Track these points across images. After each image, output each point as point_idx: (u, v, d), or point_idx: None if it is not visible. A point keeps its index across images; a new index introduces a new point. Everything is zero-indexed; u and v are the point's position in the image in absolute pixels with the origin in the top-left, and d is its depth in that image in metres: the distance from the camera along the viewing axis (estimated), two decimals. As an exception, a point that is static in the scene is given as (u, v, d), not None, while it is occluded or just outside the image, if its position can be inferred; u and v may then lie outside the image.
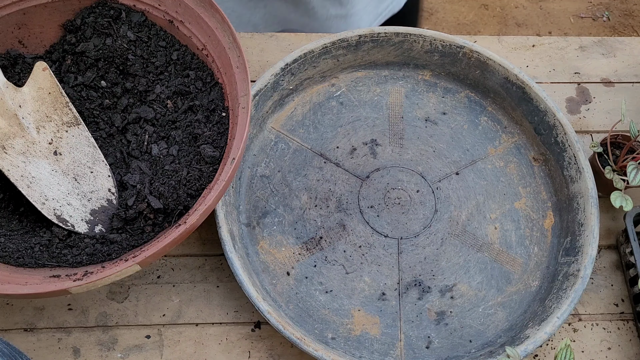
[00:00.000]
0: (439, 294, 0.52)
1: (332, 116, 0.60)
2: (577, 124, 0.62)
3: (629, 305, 0.53)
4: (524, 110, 0.59)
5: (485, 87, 0.61)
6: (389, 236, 0.55)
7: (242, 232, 0.54)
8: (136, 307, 0.51)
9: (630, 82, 0.65)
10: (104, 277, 0.40)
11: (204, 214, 0.43)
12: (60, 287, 0.40)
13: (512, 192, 0.57)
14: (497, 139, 0.60)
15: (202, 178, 0.48)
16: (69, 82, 0.53)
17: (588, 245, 0.51)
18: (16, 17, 0.52)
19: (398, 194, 0.57)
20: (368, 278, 0.53)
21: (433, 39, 0.60)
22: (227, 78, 0.51)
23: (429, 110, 0.61)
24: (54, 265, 0.46)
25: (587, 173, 0.54)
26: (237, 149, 0.45)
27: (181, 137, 0.51)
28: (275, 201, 0.56)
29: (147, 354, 0.49)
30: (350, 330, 0.50)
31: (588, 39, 0.68)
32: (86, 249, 0.46)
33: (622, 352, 0.51)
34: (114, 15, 0.54)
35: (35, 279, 0.43)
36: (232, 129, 0.49)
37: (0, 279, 0.42)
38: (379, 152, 0.59)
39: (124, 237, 0.47)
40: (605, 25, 1.53)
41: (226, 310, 0.51)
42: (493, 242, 0.55)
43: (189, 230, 0.43)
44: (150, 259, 0.42)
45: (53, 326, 0.50)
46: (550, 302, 0.50)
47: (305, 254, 0.53)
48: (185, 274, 0.53)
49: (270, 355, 0.49)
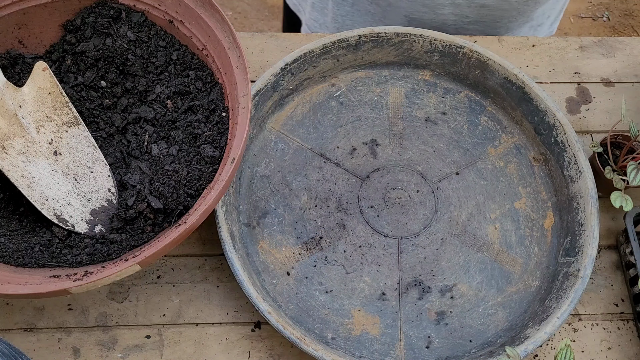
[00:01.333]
0: (439, 294, 0.52)
1: (332, 116, 0.60)
2: (577, 124, 0.62)
3: (629, 305, 0.53)
4: (524, 110, 0.59)
5: (485, 87, 0.61)
6: (389, 236, 0.55)
7: (242, 232, 0.54)
8: (136, 307, 0.51)
9: (630, 82, 0.65)
10: (104, 277, 0.40)
11: (204, 214, 0.43)
12: (60, 287, 0.40)
13: (512, 192, 0.57)
14: (497, 139, 0.60)
15: (202, 178, 0.48)
16: (69, 82, 0.53)
17: (588, 245, 0.51)
18: (16, 17, 0.52)
19: (398, 194, 0.57)
20: (368, 278, 0.53)
21: (433, 39, 0.60)
22: (227, 78, 0.51)
23: (429, 110, 0.61)
24: (54, 265, 0.46)
25: (587, 173, 0.54)
26: (237, 149, 0.45)
27: (181, 137, 0.51)
28: (275, 201, 0.55)
29: (147, 354, 0.49)
30: (350, 330, 0.50)
31: (588, 39, 0.67)
32: (86, 249, 0.46)
33: (622, 352, 0.51)
34: (114, 15, 0.54)
35: (35, 279, 0.43)
36: (232, 129, 0.49)
37: (0, 279, 0.42)
38: (379, 152, 0.59)
39: (124, 237, 0.47)
40: (605, 25, 1.53)
41: (226, 310, 0.51)
42: (493, 242, 0.55)
43: (189, 230, 0.43)
44: (150, 259, 0.42)
45: (53, 326, 0.50)
46: (550, 302, 0.50)
47: (305, 254, 0.53)
48: (185, 274, 0.53)
49: (270, 355, 0.49)
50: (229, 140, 0.49)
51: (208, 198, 0.44)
